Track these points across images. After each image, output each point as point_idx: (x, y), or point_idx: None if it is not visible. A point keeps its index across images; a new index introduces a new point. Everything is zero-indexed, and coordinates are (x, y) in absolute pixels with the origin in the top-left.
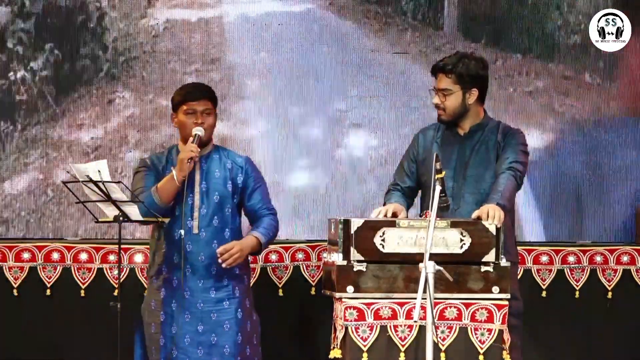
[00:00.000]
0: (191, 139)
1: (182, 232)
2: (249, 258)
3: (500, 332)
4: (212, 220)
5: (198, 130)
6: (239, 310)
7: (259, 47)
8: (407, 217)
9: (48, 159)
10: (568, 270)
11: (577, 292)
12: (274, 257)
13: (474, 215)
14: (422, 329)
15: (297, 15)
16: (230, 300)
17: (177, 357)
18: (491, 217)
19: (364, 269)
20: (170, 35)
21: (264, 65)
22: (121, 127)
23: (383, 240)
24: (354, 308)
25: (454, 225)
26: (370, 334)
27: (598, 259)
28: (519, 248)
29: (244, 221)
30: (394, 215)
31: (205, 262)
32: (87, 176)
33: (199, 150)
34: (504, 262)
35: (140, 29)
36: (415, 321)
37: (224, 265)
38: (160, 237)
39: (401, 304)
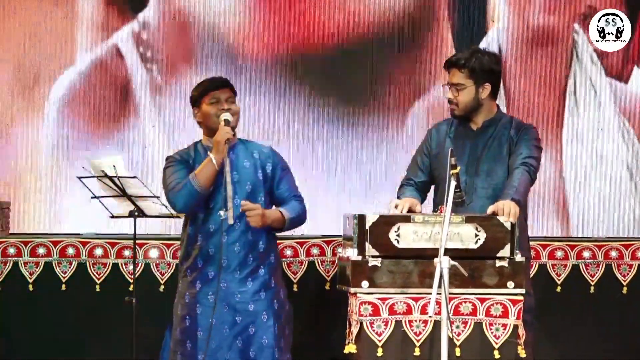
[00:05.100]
0: (222, 123)
1: (222, 213)
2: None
3: (515, 327)
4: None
5: (226, 116)
6: (275, 300)
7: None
8: (421, 212)
9: None
10: (583, 266)
11: (592, 287)
12: (289, 252)
13: (489, 210)
14: (437, 324)
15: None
16: (267, 291)
17: (216, 349)
18: (506, 212)
19: (379, 264)
20: None
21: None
22: None
23: (398, 235)
24: (369, 303)
25: (468, 220)
26: (385, 329)
27: (613, 254)
28: (533, 243)
29: None
30: (410, 210)
31: (242, 253)
32: (102, 171)
33: (233, 133)
34: (518, 257)
35: None
36: (430, 316)
37: (245, 210)
38: (195, 230)
39: (416, 299)
